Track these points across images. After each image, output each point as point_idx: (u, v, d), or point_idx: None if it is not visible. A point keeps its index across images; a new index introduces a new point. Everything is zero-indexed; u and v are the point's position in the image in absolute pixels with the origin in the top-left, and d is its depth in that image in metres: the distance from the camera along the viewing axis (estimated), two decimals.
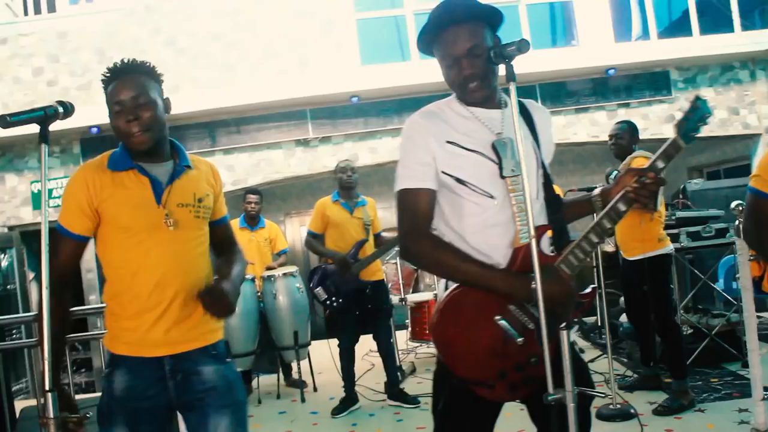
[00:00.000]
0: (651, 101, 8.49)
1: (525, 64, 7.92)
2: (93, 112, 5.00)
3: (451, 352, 1.81)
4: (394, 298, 5.94)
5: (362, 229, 4.96)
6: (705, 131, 7.36)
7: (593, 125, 8.36)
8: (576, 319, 6.73)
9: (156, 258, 1.99)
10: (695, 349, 4.95)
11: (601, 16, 8.54)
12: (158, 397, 2.02)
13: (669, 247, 4.32)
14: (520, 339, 1.73)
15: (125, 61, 2.04)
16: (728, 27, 8.68)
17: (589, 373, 2.02)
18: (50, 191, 8.17)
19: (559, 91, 8.47)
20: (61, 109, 1.82)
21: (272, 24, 8.21)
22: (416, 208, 1.83)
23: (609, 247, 5.47)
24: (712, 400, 4.30)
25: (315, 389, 5.66)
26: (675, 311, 4.49)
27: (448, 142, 1.82)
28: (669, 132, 8.36)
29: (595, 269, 4.51)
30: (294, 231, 11.97)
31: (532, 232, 1.62)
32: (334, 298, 4.89)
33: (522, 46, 1.61)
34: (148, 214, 2.00)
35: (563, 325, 1.63)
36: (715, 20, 9.01)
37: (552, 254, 1.84)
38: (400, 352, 5.96)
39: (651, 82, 8.55)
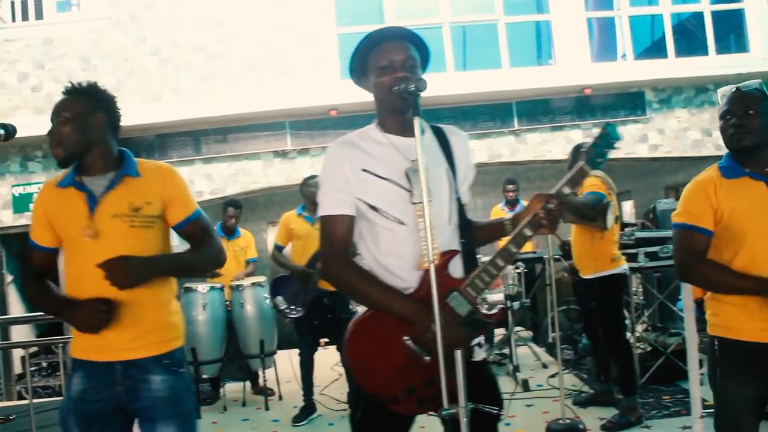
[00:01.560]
0: (626, 121, 8.61)
1: (502, 82, 8.11)
2: None
3: (363, 370, 1.92)
4: (357, 308, 6.02)
5: None
6: (679, 152, 7.35)
7: (568, 143, 8.47)
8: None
9: (81, 269, 2.09)
10: (651, 366, 5.06)
11: (579, 36, 8.67)
12: (109, 401, 2.12)
13: (622, 267, 4.39)
14: (427, 358, 1.82)
15: (75, 84, 2.19)
16: (703, 50, 8.83)
17: (498, 391, 2.09)
18: (31, 195, 8.26)
19: (535, 109, 8.60)
20: (2, 132, 1.94)
21: (254, 36, 8.29)
22: (333, 233, 1.93)
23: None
24: (660, 417, 4.41)
25: (280, 398, 5.75)
26: (625, 329, 4.59)
27: (364, 170, 1.92)
28: (643, 151, 8.44)
29: (549, 287, 4.62)
30: None
31: (432, 256, 1.72)
32: (292, 307, 5.00)
33: (420, 85, 1.72)
34: (78, 226, 2.11)
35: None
36: (691, 43, 9.17)
37: (459, 278, 1.92)
38: None
39: (626, 102, 8.70)
